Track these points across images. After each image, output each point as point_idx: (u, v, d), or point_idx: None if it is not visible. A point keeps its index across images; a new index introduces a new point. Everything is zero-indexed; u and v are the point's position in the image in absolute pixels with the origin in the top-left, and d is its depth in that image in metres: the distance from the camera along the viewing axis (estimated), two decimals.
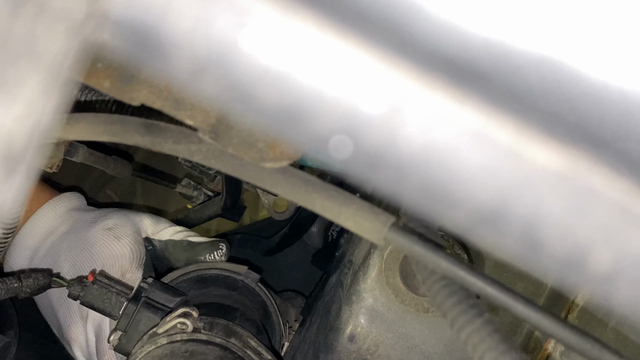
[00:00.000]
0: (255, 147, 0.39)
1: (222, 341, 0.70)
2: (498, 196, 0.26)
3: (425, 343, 0.69)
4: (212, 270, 0.81)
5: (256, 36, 0.26)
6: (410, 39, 0.25)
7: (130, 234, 0.82)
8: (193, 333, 0.70)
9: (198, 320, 0.71)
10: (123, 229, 0.82)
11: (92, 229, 0.82)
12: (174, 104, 0.40)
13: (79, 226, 0.83)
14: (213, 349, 0.69)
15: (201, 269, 0.81)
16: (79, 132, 0.47)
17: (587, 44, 0.24)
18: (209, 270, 0.81)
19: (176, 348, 0.69)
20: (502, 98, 0.25)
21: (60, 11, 0.24)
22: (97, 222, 0.83)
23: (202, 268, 0.81)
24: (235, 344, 0.71)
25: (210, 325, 0.72)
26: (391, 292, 0.68)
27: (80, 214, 0.85)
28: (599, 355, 0.39)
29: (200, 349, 0.69)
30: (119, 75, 0.40)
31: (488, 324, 0.39)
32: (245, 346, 0.71)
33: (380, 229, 0.43)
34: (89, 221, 0.83)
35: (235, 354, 0.70)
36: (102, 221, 0.83)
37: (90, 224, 0.83)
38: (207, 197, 1.05)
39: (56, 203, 0.85)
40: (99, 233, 0.81)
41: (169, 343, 0.69)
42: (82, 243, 0.81)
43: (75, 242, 0.81)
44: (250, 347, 0.72)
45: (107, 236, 0.81)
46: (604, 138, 0.25)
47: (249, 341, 0.72)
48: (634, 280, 0.26)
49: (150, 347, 0.69)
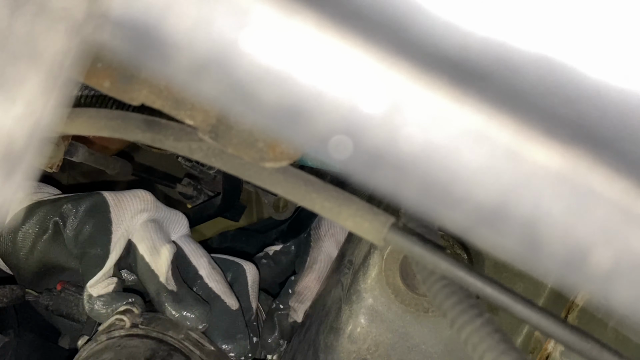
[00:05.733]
0: (255, 147, 0.39)
1: (158, 334, 0.72)
2: (498, 196, 0.26)
3: (425, 343, 0.69)
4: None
5: (256, 36, 0.26)
6: (410, 39, 0.25)
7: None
8: (131, 328, 0.72)
9: (138, 316, 0.73)
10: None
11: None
12: (174, 103, 0.40)
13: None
14: (147, 342, 0.71)
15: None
16: (80, 126, 0.47)
17: (587, 44, 0.24)
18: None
19: (111, 343, 0.71)
20: (502, 98, 0.25)
21: (60, 11, 0.24)
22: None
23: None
24: (173, 337, 0.72)
25: (149, 321, 0.74)
26: (391, 292, 0.68)
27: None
28: (599, 355, 0.39)
29: (133, 343, 0.71)
30: (119, 75, 0.40)
31: (488, 324, 0.39)
32: (184, 338, 0.73)
33: (380, 229, 0.43)
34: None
35: (172, 345, 0.72)
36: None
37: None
38: (207, 197, 1.05)
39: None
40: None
41: (108, 339, 0.71)
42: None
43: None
44: (189, 339, 0.73)
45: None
46: (604, 138, 0.25)
47: (189, 333, 0.74)
48: (634, 280, 0.26)
49: (91, 345, 0.72)
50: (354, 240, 0.76)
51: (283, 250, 0.92)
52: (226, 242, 1.04)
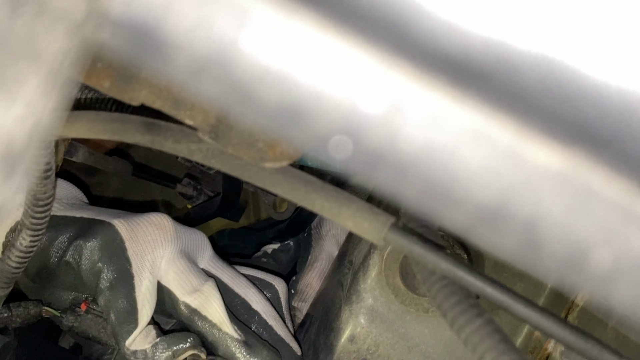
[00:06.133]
0: (255, 147, 0.39)
1: None
2: (498, 196, 0.26)
3: (425, 343, 0.69)
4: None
5: (256, 36, 0.26)
6: (410, 39, 0.25)
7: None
8: None
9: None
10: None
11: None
12: (174, 103, 0.40)
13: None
14: None
15: None
16: (79, 129, 0.47)
17: (587, 44, 0.24)
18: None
19: None
20: (502, 98, 0.25)
21: (60, 11, 0.24)
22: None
23: None
24: None
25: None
26: (391, 292, 0.68)
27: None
28: (599, 355, 0.39)
29: None
30: (119, 75, 0.40)
31: (488, 324, 0.39)
32: None
33: (380, 229, 0.43)
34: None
35: None
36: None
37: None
38: (207, 197, 1.05)
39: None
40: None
41: None
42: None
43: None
44: None
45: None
46: (604, 138, 0.25)
47: None
48: (634, 280, 0.26)
49: None
50: (354, 240, 0.76)
51: (282, 249, 0.91)
52: (223, 240, 1.03)
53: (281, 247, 0.91)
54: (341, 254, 0.80)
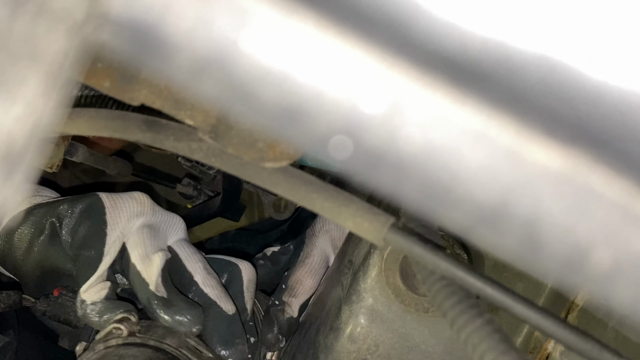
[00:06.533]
0: (255, 147, 0.39)
1: (156, 343, 0.72)
2: (498, 196, 0.26)
3: (425, 343, 0.69)
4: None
5: (256, 36, 0.26)
6: (410, 39, 0.25)
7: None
8: (128, 337, 0.72)
9: (135, 325, 0.73)
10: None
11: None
12: (174, 104, 0.40)
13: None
14: (145, 351, 0.71)
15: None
16: (80, 126, 0.47)
17: (587, 44, 0.24)
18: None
19: (109, 353, 0.70)
20: (502, 98, 0.25)
21: (60, 11, 0.24)
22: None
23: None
24: (170, 345, 0.72)
25: (146, 329, 0.73)
26: (391, 292, 0.68)
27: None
28: (599, 355, 0.39)
29: (131, 352, 0.70)
30: (119, 75, 0.40)
31: (488, 324, 0.39)
32: (182, 346, 0.72)
33: (380, 229, 0.43)
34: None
35: (170, 354, 0.71)
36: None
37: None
38: (207, 197, 1.05)
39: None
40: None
41: (105, 349, 0.71)
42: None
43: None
44: (187, 347, 0.73)
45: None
46: (604, 138, 0.25)
47: (187, 341, 0.73)
48: (634, 280, 0.26)
49: (89, 354, 0.71)
50: (354, 240, 0.76)
51: (281, 251, 0.92)
52: (227, 242, 1.04)
53: (281, 249, 0.92)
54: (341, 254, 0.80)
